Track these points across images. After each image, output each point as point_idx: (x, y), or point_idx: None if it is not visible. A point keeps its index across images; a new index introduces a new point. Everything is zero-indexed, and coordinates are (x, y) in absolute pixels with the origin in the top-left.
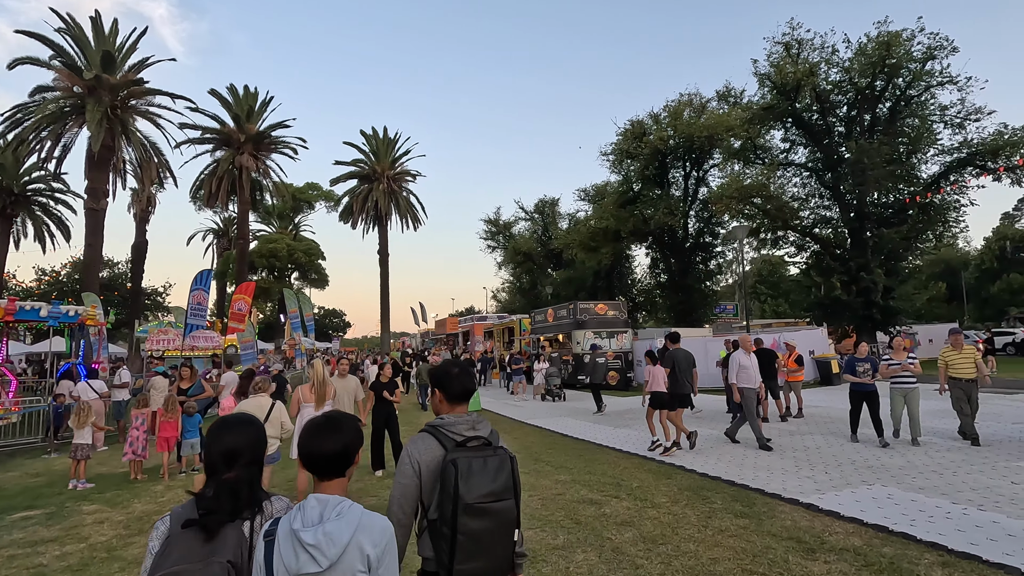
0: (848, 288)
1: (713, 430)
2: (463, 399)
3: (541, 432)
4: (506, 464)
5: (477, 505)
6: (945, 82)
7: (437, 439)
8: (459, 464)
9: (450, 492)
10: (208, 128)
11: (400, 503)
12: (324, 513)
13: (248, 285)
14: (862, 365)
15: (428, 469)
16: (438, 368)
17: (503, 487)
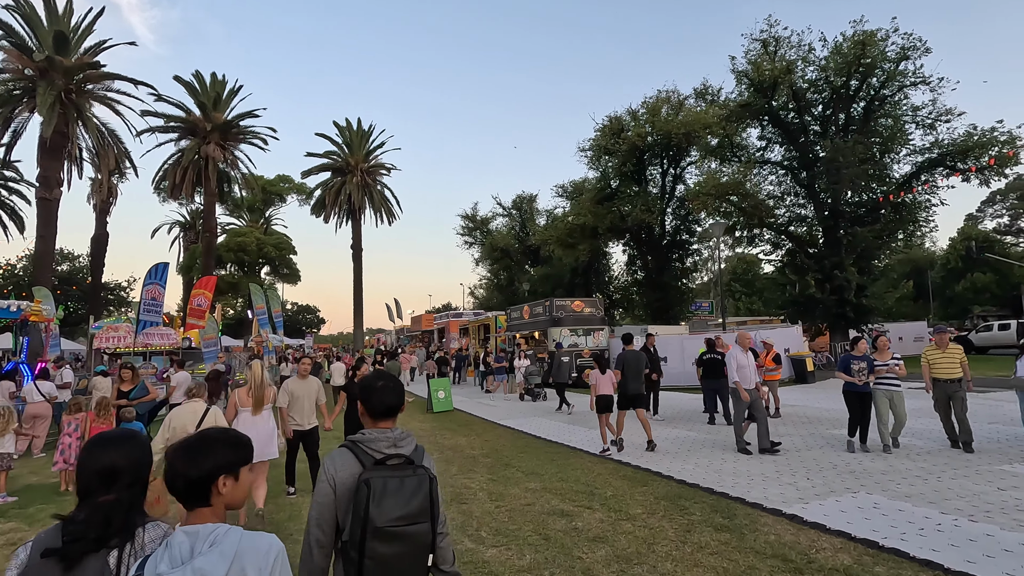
0: (822, 286)
1: (691, 431)
2: (386, 416)
3: (513, 434)
4: (424, 485)
5: (388, 529)
6: (918, 82)
7: (355, 455)
8: (372, 484)
9: (360, 514)
10: (172, 116)
11: (318, 522)
12: (195, 547)
13: (209, 280)
14: (858, 363)
15: (343, 487)
16: (363, 380)
17: (418, 510)
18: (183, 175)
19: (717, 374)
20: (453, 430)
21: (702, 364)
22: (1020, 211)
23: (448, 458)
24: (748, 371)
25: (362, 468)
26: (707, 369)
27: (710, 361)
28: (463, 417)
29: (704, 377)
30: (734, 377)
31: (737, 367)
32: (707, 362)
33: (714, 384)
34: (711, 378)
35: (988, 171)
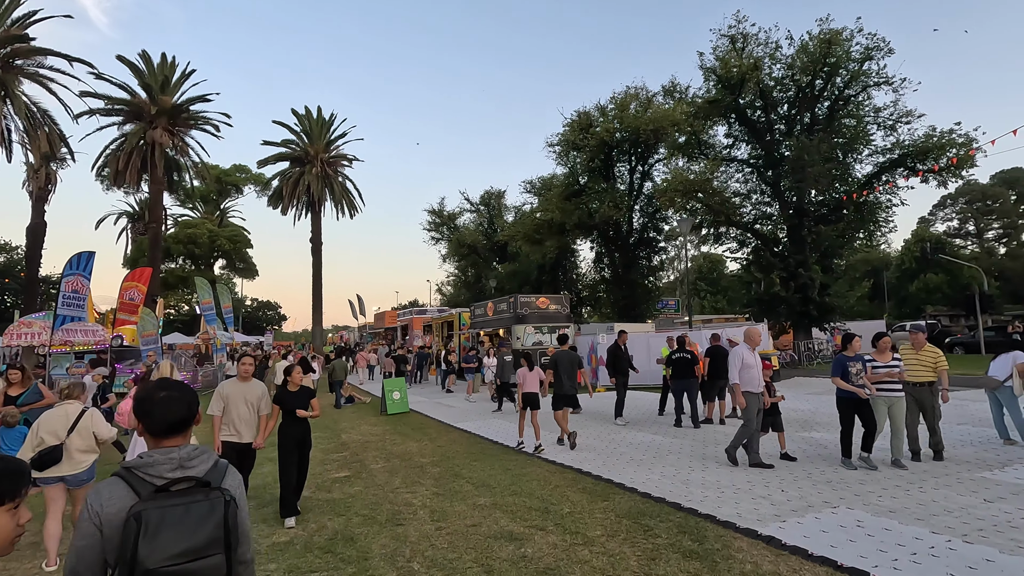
0: (787, 284)
1: (656, 435)
2: (170, 433)
3: (468, 438)
4: (218, 510)
5: (164, 569)
6: (881, 82)
7: (129, 484)
8: (144, 517)
9: (127, 556)
10: (115, 99)
11: (75, 570)
12: None
13: (143, 271)
14: (855, 365)
15: (112, 525)
16: (140, 391)
17: (207, 541)
18: (127, 161)
19: (687, 374)
20: (405, 434)
21: (671, 363)
22: (968, 215)
23: (393, 468)
24: (755, 372)
25: (136, 499)
26: (676, 368)
27: (680, 360)
28: (418, 420)
29: (673, 377)
30: (734, 378)
31: (742, 366)
32: (677, 361)
33: (683, 384)
34: (681, 378)
35: (946, 172)
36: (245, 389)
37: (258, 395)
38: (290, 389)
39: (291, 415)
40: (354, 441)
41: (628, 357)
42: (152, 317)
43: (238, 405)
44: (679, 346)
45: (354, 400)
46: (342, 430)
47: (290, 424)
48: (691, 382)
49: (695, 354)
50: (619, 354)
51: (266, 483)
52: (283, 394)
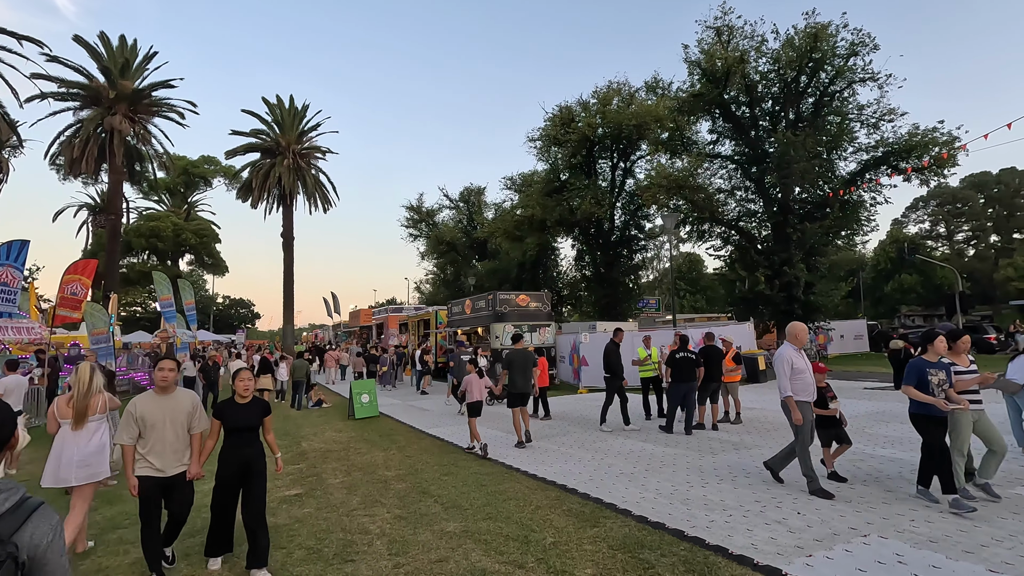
0: (771, 282)
1: (646, 442)
2: None
3: (441, 447)
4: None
5: None
6: (867, 78)
7: None
8: None
9: None
10: (71, 82)
11: None
12: None
13: (86, 264)
14: (937, 374)
15: None
16: None
17: None
18: (83, 148)
19: (690, 376)
20: (372, 442)
21: (673, 364)
22: (939, 217)
23: (354, 483)
24: (807, 377)
25: None
26: (679, 370)
27: (683, 361)
28: (388, 425)
29: (675, 379)
30: (786, 388)
31: (792, 372)
32: (680, 362)
33: (685, 388)
34: (683, 380)
35: (927, 171)
36: (168, 405)
37: (186, 410)
38: (237, 400)
39: (237, 435)
40: (314, 450)
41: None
42: (103, 314)
43: (159, 427)
44: (681, 345)
45: (322, 404)
46: (303, 436)
47: (234, 447)
48: (693, 386)
49: (699, 355)
50: (615, 353)
51: (205, 503)
52: (225, 408)
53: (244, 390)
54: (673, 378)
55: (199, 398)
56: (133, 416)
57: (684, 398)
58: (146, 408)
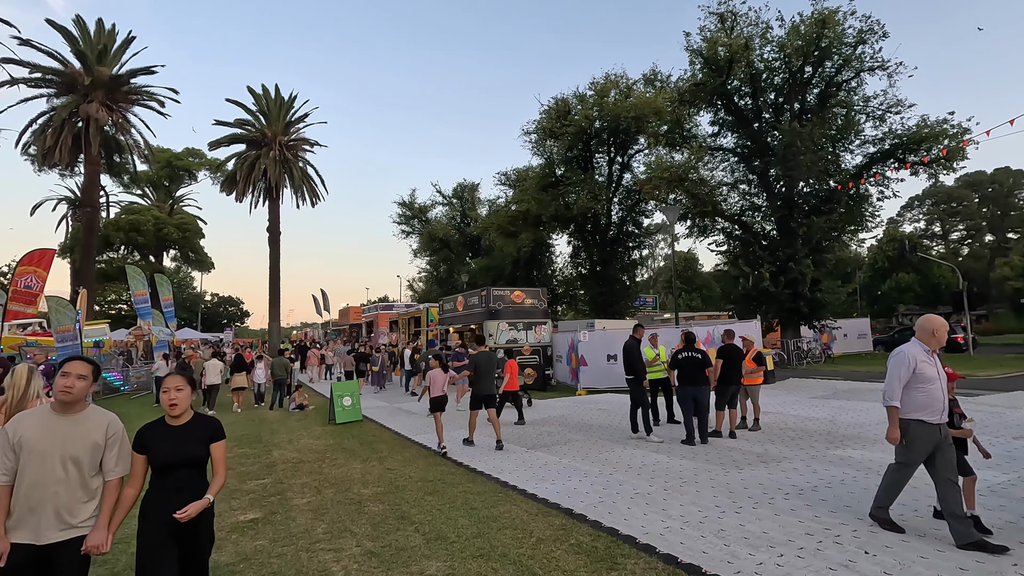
0: (776, 279)
1: (660, 453)
2: None
3: (428, 458)
4: None
5: None
6: (876, 67)
7: None
8: None
9: None
10: (44, 67)
11: None
12: None
13: (42, 254)
14: None
15: None
16: None
17: None
18: (56, 137)
19: (697, 378)
20: (351, 451)
21: (678, 365)
22: (934, 216)
23: (322, 505)
24: (935, 392)
25: None
26: (685, 371)
27: (688, 361)
28: (371, 431)
29: (682, 383)
30: (894, 397)
31: (913, 379)
32: (684, 362)
33: (693, 391)
34: (690, 383)
35: (937, 164)
36: (64, 429)
37: (92, 441)
38: (168, 422)
39: (169, 476)
40: (285, 461)
41: None
42: (69, 310)
43: (46, 462)
44: (687, 344)
45: (303, 408)
46: (276, 444)
47: (163, 494)
48: (702, 389)
49: (706, 354)
50: (637, 351)
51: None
52: (149, 434)
53: (171, 406)
54: (679, 381)
55: (121, 424)
56: (7, 440)
57: (696, 403)
58: (29, 430)
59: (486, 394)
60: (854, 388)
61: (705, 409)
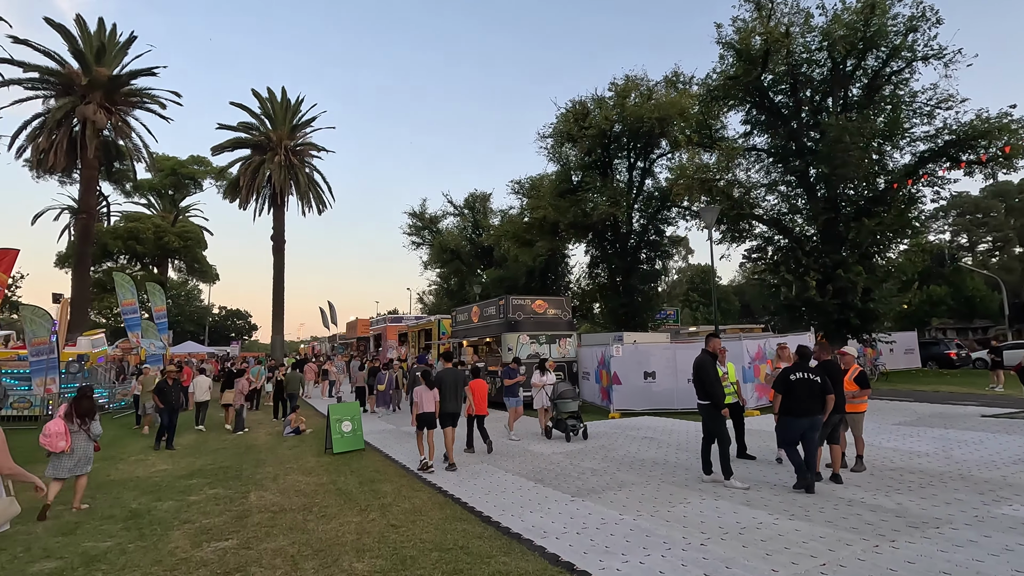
0: (823, 288)
1: (752, 506)
2: None
3: (444, 509)
4: None
5: None
6: (930, 56)
7: None
8: None
9: None
10: (39, 67)
11: None
12: None
13: (4, 253)
14: None
15: None
16: None
17: None
18: (50, 140)
19: (812, 408)
20: (347, 495)
21: (787, 389)
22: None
23: None
24: None
25: None
26: (796, 398)
27: (804, 385)
28: (374, 464)
29: (786, 412)
30: None
31: None
32: (798, 386)
33: (805, 424)
34: (803, 414)
35: (994, 163)
36: None
37: None
38: None
39: None
40: (263, 508)
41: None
42: (45, 320)
43: None
44: (800, 361)
45: (299, 431)
46: (257, 482)
47: None
48: (816, 421)
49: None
50: (713, 370)
51: None
52: None
53: None
54: (784, 409)
55: None
56: None
57: (804, 440)
58: None
59: (450, 412)
60: (940, 412)
61: (814, 447)
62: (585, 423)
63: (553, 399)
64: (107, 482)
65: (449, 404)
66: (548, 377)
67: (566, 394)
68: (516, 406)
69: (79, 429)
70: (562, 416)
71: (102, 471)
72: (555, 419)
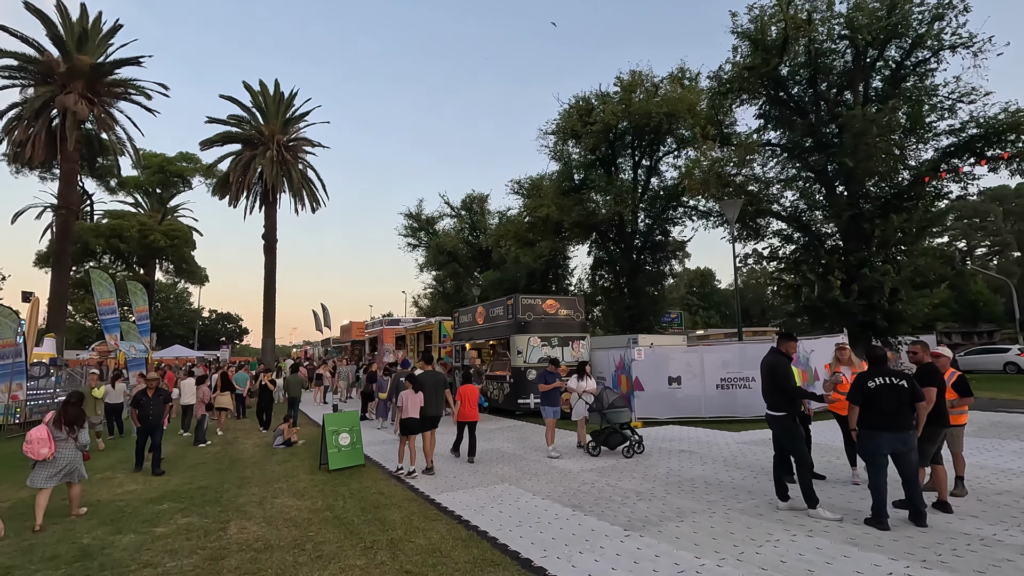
0: (847, 288)
1: (850, 542)
2: None
3: (470, 546)
4: None
5: None
6: (958, 44)
7: None
8: None
9: None
10: (16, 54)
11: None
12: None
13: None
14: None
15: None
16: None
17: None
18: (27, 132)
19: (901, 420)
20: (347, 526)
21: (865, 398)
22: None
23: None
24: None
25: None
26: (879, 408)
27: (887, 391)
28: (376, 483)
29: (871, 426)
30: None
31: None
32: (879, 393)
33: (893, 441)
34: (889, 428)
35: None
36: None
37: None
38: None
39: None
40: (244, 543)
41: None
42: (11, 320)
43: None
44: (875, 364)
45: (291, 443)
46: (239, 507)
47: None
48: (909, 437)
49: (914, 381)
50: (790, 374)
51: None
52: None
53: None
54: (864, 422)
55: None
56: None
57: (897, 458)
58: None
59: (431, 415)
60: (998, 422)
61: (913, 469)
62: (638, 433)
63: (602, 409)
64: (61, 507)
65: (430, 408)
66: (588, 383)
67: (618, 403)
68: (556, 416)
69: (67, 437)
70: (612, 425)
71: (59, 491)
72: (605, 431)
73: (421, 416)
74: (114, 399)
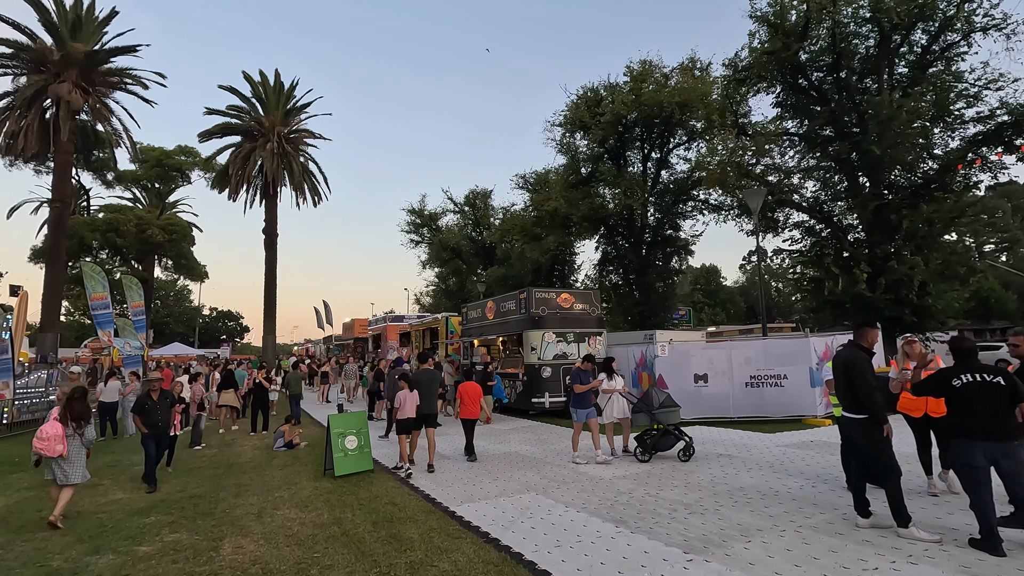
0: (874, 281)
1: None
2: None
3: (500, 568)
4: None
5: None
6: (989, 27)
7: None
8: None
9: None
10: (6, 40)
11: None
12: None
13: None
14: None
15: None
16: None
17: None
18: (18, 123)
19: (1003, 426)
20: (358, 544)
21: (952, 399)
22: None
23: None
24: None
25: None
26: (970, 410)
27: (980, 390)
28: (388, 492)
29: (964, 433)
30: None
31: None
32: (969, 393)
33: (995, 450)
34: (987, 436)
35: None
36: None
37: None
38: None
39: None
40: (239, 567)
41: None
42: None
43: None
44: (963, 359)
45: (293, 445)
46: (235, 520)
47: None
48: (1013, 447)
49: (1014, 377)
50: (870, 371)
51: None
52: None
53: None
54: (957, 428)
55: None
56: None
57: (999, 468)
58: None
59: (427, 413)
60: None
61: (1019, 481)
62: (688, 436)
63: (652, 410)
64: (37, 519)
65: (425, 405)
66: (616, 381)
67: (668, 402)
68: (589, 418)
69: (73, 433)
70: (665, 429)
71: (36, 502)
72: (656, 433)
73: (419, 414)
74: (108, 397)
